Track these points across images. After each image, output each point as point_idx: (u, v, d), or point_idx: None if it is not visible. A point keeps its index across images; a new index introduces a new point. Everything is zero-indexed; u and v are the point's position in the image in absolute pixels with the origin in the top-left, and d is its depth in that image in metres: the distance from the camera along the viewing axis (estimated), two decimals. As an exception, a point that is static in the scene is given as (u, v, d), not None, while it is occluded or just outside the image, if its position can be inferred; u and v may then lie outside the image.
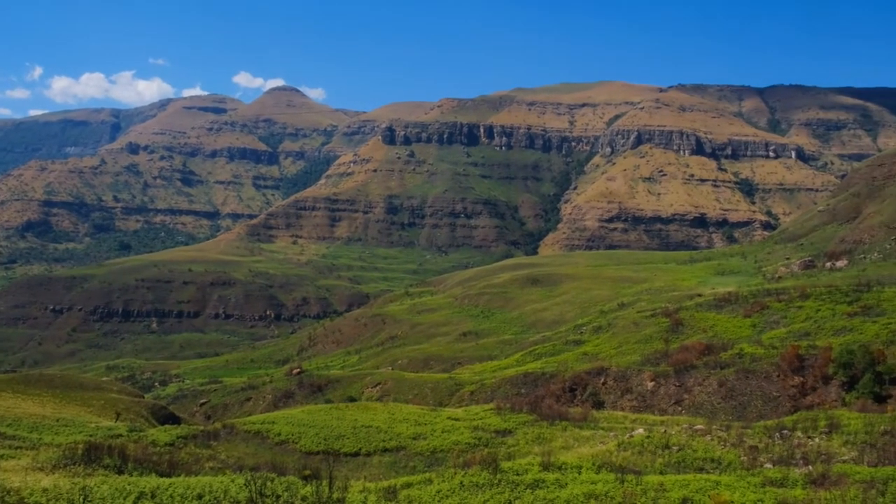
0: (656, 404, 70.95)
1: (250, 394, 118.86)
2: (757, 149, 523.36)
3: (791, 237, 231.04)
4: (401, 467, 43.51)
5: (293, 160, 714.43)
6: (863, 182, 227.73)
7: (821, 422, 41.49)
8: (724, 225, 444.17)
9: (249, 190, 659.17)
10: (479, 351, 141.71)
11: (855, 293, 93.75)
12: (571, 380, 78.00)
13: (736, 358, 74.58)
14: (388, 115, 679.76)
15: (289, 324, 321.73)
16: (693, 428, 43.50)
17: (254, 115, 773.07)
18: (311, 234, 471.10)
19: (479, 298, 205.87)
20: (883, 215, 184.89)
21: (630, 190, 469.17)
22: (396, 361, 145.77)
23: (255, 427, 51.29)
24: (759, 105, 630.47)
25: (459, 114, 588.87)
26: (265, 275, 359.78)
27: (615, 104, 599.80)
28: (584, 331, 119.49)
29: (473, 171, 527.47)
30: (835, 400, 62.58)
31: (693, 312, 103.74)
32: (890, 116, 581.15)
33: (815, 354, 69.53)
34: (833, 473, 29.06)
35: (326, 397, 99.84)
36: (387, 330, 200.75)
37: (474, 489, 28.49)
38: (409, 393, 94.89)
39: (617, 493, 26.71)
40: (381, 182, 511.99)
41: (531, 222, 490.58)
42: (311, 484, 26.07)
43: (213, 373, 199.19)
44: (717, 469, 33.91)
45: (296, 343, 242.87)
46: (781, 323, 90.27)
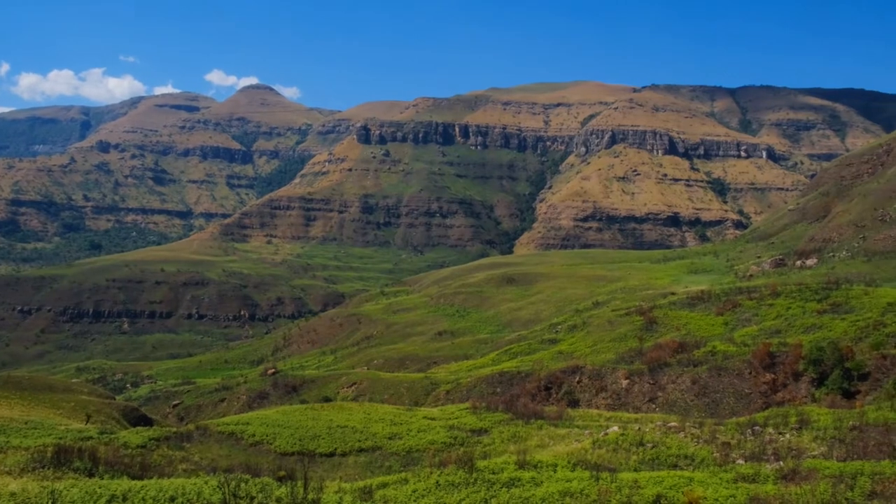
0: (631, 402, 71.52)
1: (224, 395, 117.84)
2: (729, 149, 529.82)
3: (762, 236, 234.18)
4: (376, 467, 43.39)
5: (267, 159, 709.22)
6: (832, 182, 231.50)
7: (791, 418, 42.08)
8: (696, 224, 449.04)
9: (223, 189, 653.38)
10: (454, 350, 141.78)
11: (824, 291, 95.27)
12: (547, 378, 78.36)
13: (709, 356, 75.44)
14: (363, 114, 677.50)
15: (263, 324, 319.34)
16: (667, 425, 43.91)
17: (227, 114, 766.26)
18: (285, 234, 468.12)
19: (455, 298, 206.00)
20: (851, 214, 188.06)
21: (604, 189, 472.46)
22: (372, 361, 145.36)
23: (229, 428, 50.83)
24: (730, 105, 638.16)
25: (435, 113, 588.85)
26: (239, 275, 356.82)
27: (590, 104, 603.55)
28: (559, 329, 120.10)
29: (449, 170, 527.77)
30: (805, 396, 63.55)
31: (667, 311, 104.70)
32: (857, 117, 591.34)
33: (785, 352, 70.56)
34: (803, 469, 29.47)
35: (301, 398, 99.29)
36: (362, 330, 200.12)
37: (450, 488, 28.47)
38: (384, 393, 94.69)
39: (592, 490, 26.85)
40: (356, 181, 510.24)
41: (506, 222, 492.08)
42: (286, 485, 25.88)
43: (187, 374, 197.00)
44: (690, 465, 34.23)
45: (270, 343, 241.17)
46: (753, 321, 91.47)
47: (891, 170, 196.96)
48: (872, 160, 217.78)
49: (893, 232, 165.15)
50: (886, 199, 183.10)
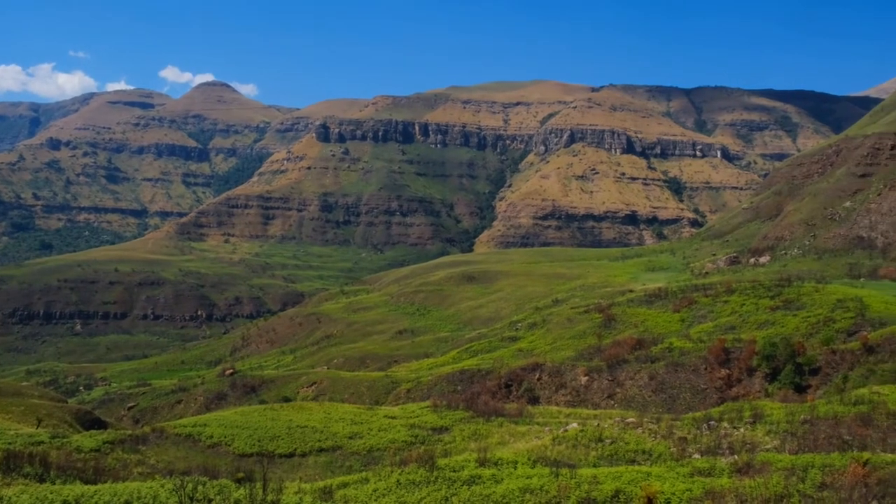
0: (590, 398, 72.28)
1: (181, 396, 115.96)
2: (684, 148, 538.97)
3: (717, 234, 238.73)
4: (337, 467, 43.13)
5: (224, 157, 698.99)
6: (783, 181, 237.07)
7: (745, 412, 42.99)
8: (653, 222, 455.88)
9: (179, 187, 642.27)
10: (415, 349, 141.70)
11: (777, 288, 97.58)
12: (507, 376, 78.77)
13: (666, 352, 76.67)
14: (322, 111, 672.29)
15: (221, 324, 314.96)
16: (625, 421, 44.50)
17: (183, 111, 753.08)
18: (243, 233, 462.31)
19: (415, 296, 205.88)
20: (802, 213, 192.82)
21: (563, 188, 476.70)
22: (332, 360, 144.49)
23: (186, 430, 50.05)
24: (686, 105, 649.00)
25: (394, 111, 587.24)
26: (196, 274, 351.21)
27: (549, 103, 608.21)
28: (520, 327, 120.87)
29: (409, 168, 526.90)
30: (759, 391, 64.97)
31: (625, 308, 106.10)
32: (808, 118, 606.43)
33: (740, 347, 72.05)
34: (757, 462, 30.10)
35: (260, 398, 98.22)
36: (322, 329, 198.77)
37: (411, 487, 28.44)
38: (345, 392, 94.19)
39: (552, 486, 27.06)
40: (315, 180, 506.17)
41: (466, 220, 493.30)
42: (245, 487, 25.57)
43: (142, 375, 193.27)
44: (648, 460, 34.72)
45: (228, 343, 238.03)
46: (708, 317, 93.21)
47: (840, 170, 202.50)
48: (822, 160, 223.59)
49: (842, 230, 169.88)
50: (836, 198, 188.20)
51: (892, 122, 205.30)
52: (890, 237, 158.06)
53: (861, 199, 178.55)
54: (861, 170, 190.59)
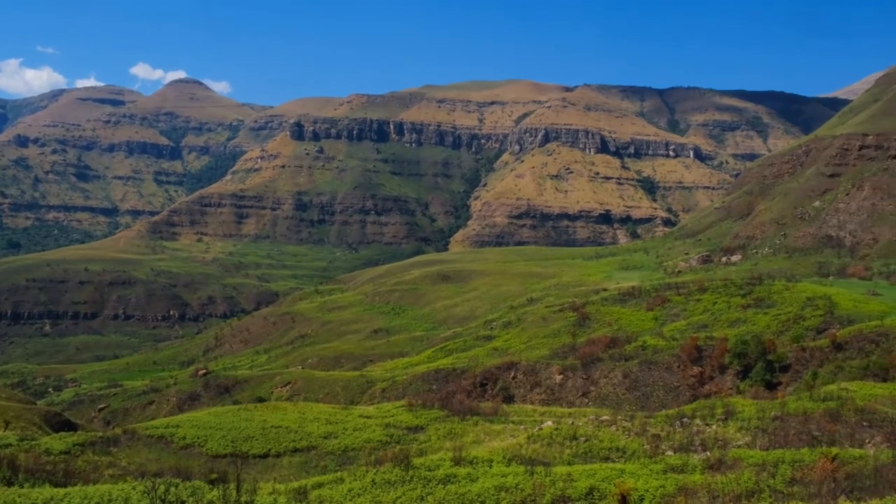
0: (564, 397, 72.68)
1: (153, 397, 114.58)
2: (658, 148, 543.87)
3: (690, 233, 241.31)
4: (312, 467, 42.92)
5: (197, 155, 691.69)
6: (755, 181, 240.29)
7: (717, 409, 43.51)
8: (627, 221, 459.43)
9: (150, 185, 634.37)
10: (390, 348, 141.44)
11: (748, 286, 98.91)
12: (482, 375, 78.93)
13: (639, 350, 77.35)
14: (296, 110, 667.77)
15: (194, 324, 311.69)
16: (599, 419, 44.80)
17: (154, 108, 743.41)
18: (216, 232, 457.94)
19: (390, 295, 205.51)
20: (773, 212, 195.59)
21: (538, 187, 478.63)
22: (307, 360, 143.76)
23: (158, 431, 49.50)
24: (659, 106, 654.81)
25: (369, 110, 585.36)
26: (168, 273, 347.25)
27: (523, 102, 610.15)
28: (495, 326, 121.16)
29: (383, 167, 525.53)
30: (730, 388, 65.79)
31: (599, 307, 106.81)
32: (778, 119, 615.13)
33: (712, 345, 72.92)
34: (729, 458, 30.47)
35: (234, 398, 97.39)
36: (296, 328, 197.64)
37: (386, 486, 28.38)
38: (319, 392, 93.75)
39: (527, 484, 27.16)
40: (289, 178, 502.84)
41: (441, 219, 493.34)
42: (218, 488, 25.33)
43: (113, 376, 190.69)
44: (622, 458, 34.99)
45: (201, 343, 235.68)
46: (681, 315, 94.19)
47: (809, 170, 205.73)
48: (792, 160, 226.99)
49: (812, 229, 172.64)
50: (805, 197, 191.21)
51: (861, 124, 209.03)
52: (858, 236, 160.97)
53: (830, 199, 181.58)
54: (830, 170, 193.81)
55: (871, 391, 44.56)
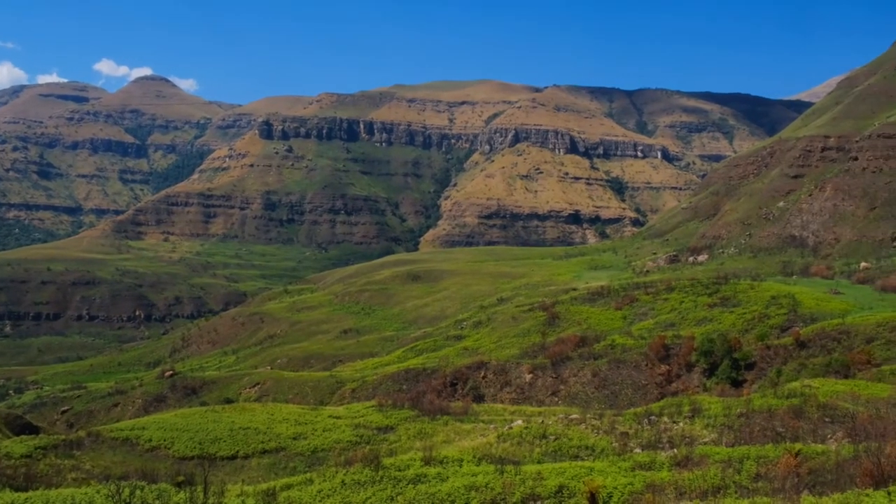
0: (534, 396, 73.03)
1: (118, 399, 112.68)
2: (626, 149, 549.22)
3: (657, 233, 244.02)
4: (281, 468, 42.57)
5: (163, 153, 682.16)
6: (721, 182, 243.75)
7: (685, 407, 44.04)
8: (596, 221, 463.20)
9: (115, 184, 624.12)
10: (360, 348, 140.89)
11: (714, 286, 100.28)
12: (452, 374, 78.98)
13: (608, 349, 78.02)
14: (264, 108, 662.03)
15: (160, 324, 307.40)
16: (569, 417, 45.07)
17: (119, 105, 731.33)
18: (183, 231, 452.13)
19: (360, 295, 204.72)
20: (738, 212, 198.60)
21: (508, 187, 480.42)
22: (276, 361, 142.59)
23: (123, 434, 48.72)
24: (627, 107, 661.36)
25: (339, 109, 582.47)
26: (134, 273, 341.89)
27: (493, 103, 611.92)
28: (465, 326, 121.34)
29: (353, 167, 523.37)
30: (697, 386, 66.66)
31: (568, 306, 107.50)
32: (744, 121, 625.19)
33: (679, 344, 73.81)
34: (695, 455, 30.84)
35: (201, 400, 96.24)
36: (265, 329, 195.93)
37: (356, 487, 28.25)
38: (288, 392, 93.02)
39: (497, 483, 27.21)
40: (258, 177, 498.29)
41: (412, 219, 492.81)
42: (185, 490, 25.00)
43: (77, 378, 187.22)
44: (591, 456, 35.23)
45: (168, 344, 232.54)
46: (649, 314, 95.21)
47: (774, 171, 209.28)
48: (757, 161, 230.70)
49: (776, 229, 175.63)
50: (770, 198, 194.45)
51: (823, 126, 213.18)
52: (820, 236, 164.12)
53: (794, 200, 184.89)
54: (794, 171, 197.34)
55: (832, 388, 45.44)
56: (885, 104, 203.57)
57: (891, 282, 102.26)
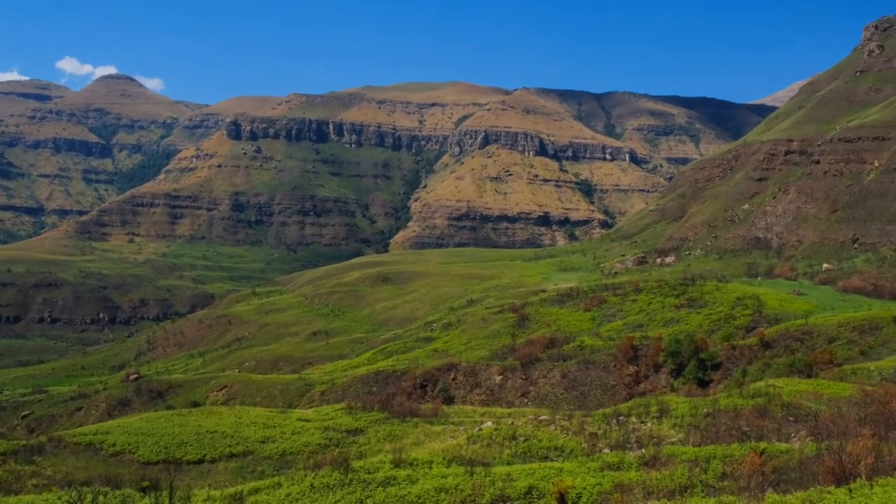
0: (504, 397, 73.21)
1: (81, 403, 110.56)
2: (595, 151, 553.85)
3: (626, 235, 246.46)
4: (248, 472, 42.09)
5: (129, 153, 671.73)
6: (687, 184, 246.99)
7: (652, 407, 44.44)
8: (565, 223, 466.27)
9: (79, 184, 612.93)
10: (329, 350, 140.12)
11: (681, 287, 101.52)
12: (422, 376, 78.88)
13: (577, 350, 78.51)
14: (232, 108, 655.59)
15: (125, 327, 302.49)
16: (538, 418, 45.23)
17: (83, 104, 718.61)
18: (149, 232, 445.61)
19: (330, 297, 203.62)
20: (704, 215, 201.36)
21: (478, 189, 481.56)
22: (243, 363, 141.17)
23: (86, 438, 47.79)
24: (596, 110, 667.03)
25: (308, 110, 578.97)
26: (98, 275, 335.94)
27: (463, 105, 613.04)
28: (435, 328, 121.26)
29: (323, 168, 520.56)
30: (665, 386, 67.38)
31: (538, 307, 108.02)
32: (710, 124, 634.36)
33: (647, 345, 74.54)
34: (663, 455, 31.11)
35: (167, 403, 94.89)
36: (233, 331, 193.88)
37: (325, 490, 28.03)
38: (257, 395, 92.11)
39: (466, 485, 27.18)
40: (226, 178, 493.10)
41: (381, 220, 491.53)
42: (150, 495, 24.58)
43: (38, 382, 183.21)
44: (560, 457, 35.37)
45: (133, 347, 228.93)
46: (618, 316, 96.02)
47: (739, 174, 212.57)
48: (723, 165, 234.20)
49: (741, 231, 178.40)
50: (735, 200, 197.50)
51: (786, 130, 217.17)
52: (784, 238, 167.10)
53: (758, 202, 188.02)
54: (758, 174, 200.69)
55: (796, 387, 46.20)
56: (845, 109, 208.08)
57: (852, 283, 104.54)
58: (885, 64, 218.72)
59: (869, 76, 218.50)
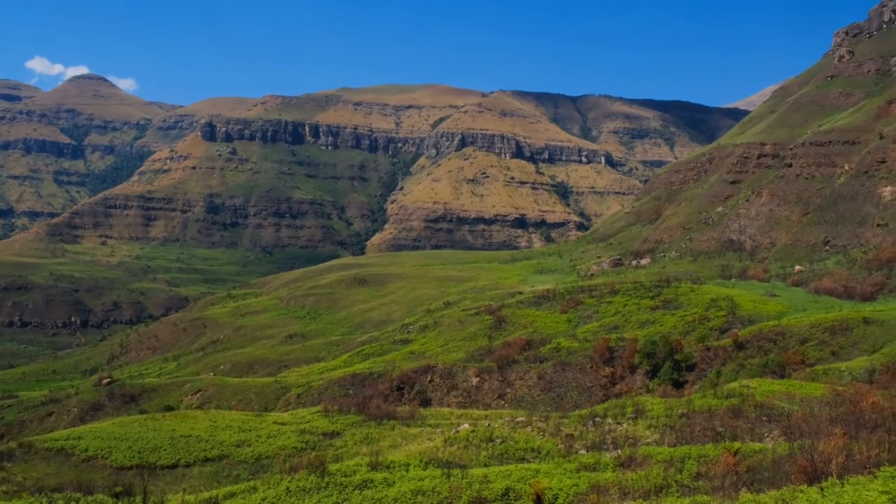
0: (481, 399, 73.29)
1: (52, 408, 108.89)
2: (571, 154, 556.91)
3: (601, 237, 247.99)
4: (223, 477, 41.72)
5: (101, 155, 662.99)
6: (662, 187, 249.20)
7: (628, 408, 44.75)
8: (542, 225, 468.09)
9: (50, 186, 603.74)
10: (305, 353, 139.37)
11: (657, 289, 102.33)
12: (399, 379, 78.74)
13: (554, 352, 78.82)
14: (207, 109, 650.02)
15: (98, 331, 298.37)
16: (515, 420, 45.32)
17: (55, 105, 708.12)
18: (122, 235, 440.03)
19: (306, 300, 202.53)
20: (679, 217, 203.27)
21: (455, 191, 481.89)
22: (219, 367, 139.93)
23: (57, 444, 47.08)
24: (572, 112, 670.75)
25: (284, 111, 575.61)
26: (70, 278, 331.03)
27: (440, 107, 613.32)
28: (411, 330, 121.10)
29: (299, 170, 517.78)
30: (640, 387, 67.86)
31: (514, 309, 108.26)
32: (684, 128, 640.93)
33: (623, 346, 75.04)
34: (639, 455, 31.33)
35: (141, 408, 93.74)
36: (208, 334, 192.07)
37: (301, 494, 27.86)
38: (232, 399, 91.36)
39: (443, 487, 27.16)
40: (200, 180, 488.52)
41: (358, 222, 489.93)
42: (123, 501, 24.28)
43: (8, 387, 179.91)
44: (537, 458, 35.48)
45: (106, 351, 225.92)
46: (594, 317, 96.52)
47: (713, 177, 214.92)
48: (697, 168, 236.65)
49: (715, 233, 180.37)
50: (709, 203, 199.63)
51: (759, 133, 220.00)
52: (757, 240, 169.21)
53: (731, 205, 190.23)
54: (731, 177, 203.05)
55: (769, 388, 46.79)
56: (816, 113, 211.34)
57: (823, 284, 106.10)
58: (854, 69, 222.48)
59: (839, 81, 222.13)
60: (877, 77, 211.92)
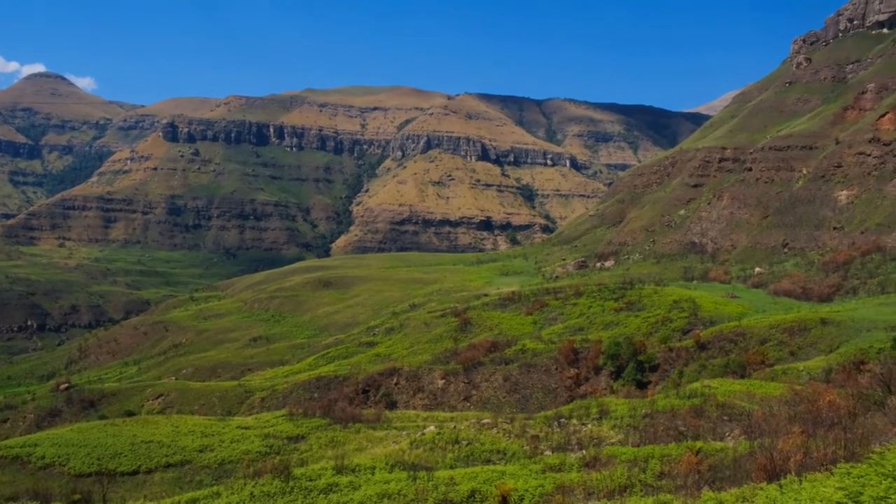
0: (447, 401, 73.32)
1: (7, 414, 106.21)
2: (536, 157, 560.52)
3: (566, 239, 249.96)
4: (186, 483, 41.08)
5: (59, 155, 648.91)
6: (626, 190, 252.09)
7: (593, 409, 45.12)
8: (507, 228, 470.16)
9: (5, 186, 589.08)
10: (270, 356, 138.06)
11: (621, 290, 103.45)
12: (364, 381, 78.43)
13: (519, 353, 79.19)
14: (169, 109, 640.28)
15: (55, 335, 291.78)
16: (481, 422, 45.40)
17: (10, 103, 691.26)
18: (81, 236, 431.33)
19: (270, 302, 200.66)
20: (643, 220, 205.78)
21: (420, 193, 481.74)
22: (181, 371, 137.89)
23: (13, 451, 45.95)
24: (537, 116, 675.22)
25: (248, 112, 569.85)
26: (25, 281, 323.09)
27: (406, 109, 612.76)
28: (377, 332, 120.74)
29: (263, 171, 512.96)
30: (605, 388, 68.50)
31: (480, 311, 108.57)
32: (647, 132, 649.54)
33: (587, 347, 75.70)
34: (603, 456, 31.61)
35: (100, 413, 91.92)
36: (170, 338, 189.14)
37: (266, 499, 27.56)
38: (194, 403, 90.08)
39: (409, 490, 27.10)
40: (162, 181, 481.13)
41: (323, 224, 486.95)
42: (81, 509, 23.74)
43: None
44: (502, 460, 35.59)
45: (63, 355, 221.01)
46: (559, 319, 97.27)
47: (675, 180, 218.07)
48: (660, 171, 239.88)
49: (678, 236, 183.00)
50: (671, 206, 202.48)
51: (720, 138, 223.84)
52: (718, 243, 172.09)
53: (693, 208, 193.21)
54: (693, 180, 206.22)
55: (730, 387, 47.58)
56: (775, 118, 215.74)
57: (782, 286, 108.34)
58: (812, 76, 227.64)
59: (797, 87, 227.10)
60: (833, 84, 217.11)
